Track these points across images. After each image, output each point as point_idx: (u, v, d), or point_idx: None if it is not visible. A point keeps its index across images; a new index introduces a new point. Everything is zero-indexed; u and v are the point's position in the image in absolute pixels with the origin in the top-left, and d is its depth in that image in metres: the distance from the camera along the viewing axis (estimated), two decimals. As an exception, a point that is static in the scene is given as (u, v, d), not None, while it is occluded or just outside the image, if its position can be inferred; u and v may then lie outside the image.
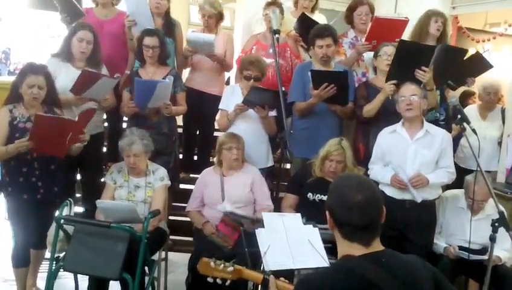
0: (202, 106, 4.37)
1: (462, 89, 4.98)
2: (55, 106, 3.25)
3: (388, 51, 3.59)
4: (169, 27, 4.15)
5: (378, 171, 3.34)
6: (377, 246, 1.54)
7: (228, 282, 2.02)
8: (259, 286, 2.02)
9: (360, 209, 1.50)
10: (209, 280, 2.03)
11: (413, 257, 1.60)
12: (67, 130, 3.04)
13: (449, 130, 4.07)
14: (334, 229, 1.58)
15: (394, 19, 3.89)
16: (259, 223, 2.59)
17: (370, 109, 3.59)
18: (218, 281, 2.02)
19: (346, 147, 3.36)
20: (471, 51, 5.92)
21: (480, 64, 3.93)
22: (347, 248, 1.54)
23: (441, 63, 3.53)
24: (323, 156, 3.34)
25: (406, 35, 4.15)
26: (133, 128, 3.47)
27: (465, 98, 5.29)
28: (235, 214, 3.23)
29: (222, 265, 2.01)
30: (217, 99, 4.31)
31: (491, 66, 3.95)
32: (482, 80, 4.40)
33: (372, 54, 3.87)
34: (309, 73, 3.52)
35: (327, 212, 1.59)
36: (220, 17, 4.32)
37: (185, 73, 4.52)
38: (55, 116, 3.11)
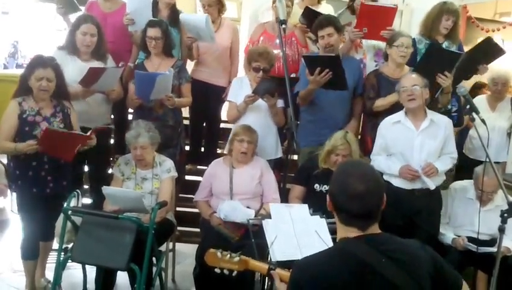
0: (208, 98, 4.37)
1: (473, 80, 4.93)
2: (64, 98, 3.24)
3: (405, 42, 3.57)
4: (174, 17, 4.12)
5: (383, 162, 3.32)
6: (374, 229, 1.55)
7: (235, 273, 2.01)
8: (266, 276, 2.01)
9: (361, 200, 1.51)
10: (217, 270, 2.03)
11: (412, 240, 1.61)
12: (76, 143, 3.07)
13: (461, 121, 4.08)
14: (332, 210, 1.60)
15: (382, 6, 3.89)
16: (261, 223, 2.58)
17: (381, 105, 3.59)
18: (226, 271, 2.01)
19: (351, 141, 3.33)
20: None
21: (492, 50, 3.88)
22: (344, 231, 1.57)
23: (463, 66, 3.60)
24: (329, 150, 3.32)
25: (417, 26, 4.13)
26: (139, 120, 3.47)
27: (477, 90, 5.22)
28: (233, 222, 3.23)
29: (228, 256, 2.01)
30: (223, 90, 4.33)
31: (503, 52, 3.91)
32: (491, 70, 4.35)
33: (370, 41, 3.96)
34: (302, 59, 3.53)
35: (328, 196, 1.61)
36: (220, 4, 4.29)
37: (190, 64, 4.50)
38: (65, 131, 3.10)
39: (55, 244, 3.34)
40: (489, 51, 3.89)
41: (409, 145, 3.23)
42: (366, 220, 1.54)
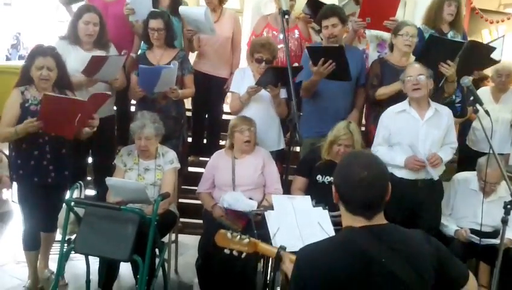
0: (210, 89, 4.35)
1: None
2: (67, 88, 3.22)
3: (410, 31, 3.56)
4: (175, 6, 4.09)
5: (386, 154, 3.28)
6: (379, 220, 1.55)
7: (244, 255, 2.02)
8: (271, 259, 2.01)
9: (364, 188, 1.51)
10: (226, 251, 2.04)
11: (417, 231, 1.60)
12: (75, 111, 3.02)
13: (465, 112, 4.07)
14: (338, 201, 1.60)
15: None
16: (263, 214, 2.58)
17: (383, 93, 3.57)
18: (235, 253, 2.02)
19: (354, 130, 3.31)
20: (484, 33, 5.84)
21: (486, 58, 3.89)
22: (350, 220, 1.56)
23: (466, 57, 3.56)
24: (332, 141, 3.31)
25: (421, 17, 4.10)
26: (145, 111, 3.47)
27: (478, 82, 5.19)
28: (236, 210, 3.23)
29: (238, 237, 2.02)
30: (225, 82, 4.32)
31: (496, 61, 3.93)
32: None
33: (373, 31, 3.96)
34: (305, 50, 3.51)
35: (333, 187, 1.61)
36: None
37: (192, 56, 4.48)
38: (63, 96, 3.09)
39: (58, 236, 3.35)
40: (482, 55, 3.87)
41: (414, 135, 3.23)
42: (370, 209, 1.53)
